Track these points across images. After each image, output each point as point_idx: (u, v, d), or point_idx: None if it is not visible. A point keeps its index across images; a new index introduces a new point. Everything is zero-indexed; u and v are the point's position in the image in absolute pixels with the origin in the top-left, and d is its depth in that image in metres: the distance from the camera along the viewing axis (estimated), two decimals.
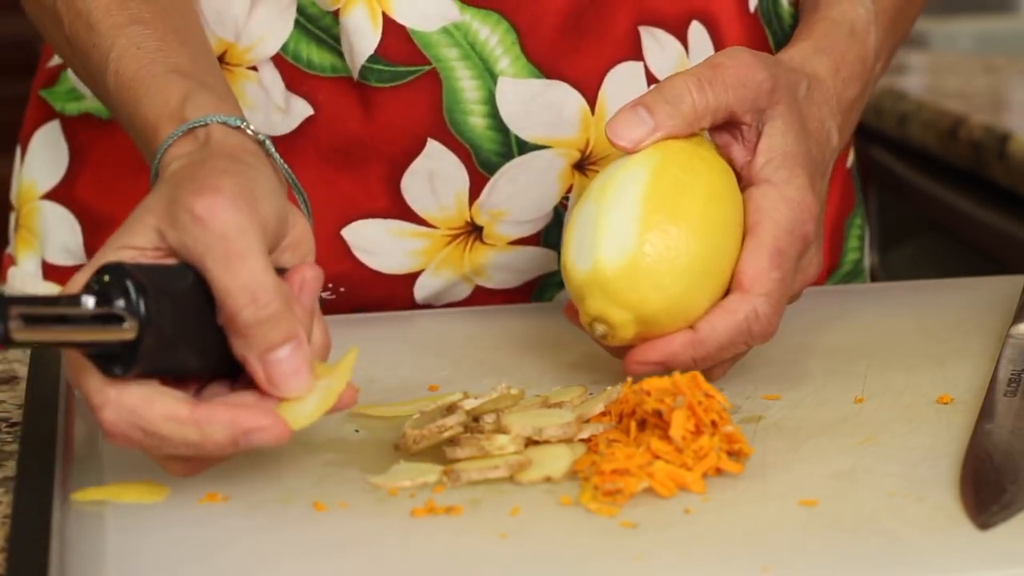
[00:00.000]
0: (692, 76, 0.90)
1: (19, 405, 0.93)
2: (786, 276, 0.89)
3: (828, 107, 0.96)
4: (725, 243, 0.88)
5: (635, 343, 0.88)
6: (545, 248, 1.08)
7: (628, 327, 0.87)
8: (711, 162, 0.90)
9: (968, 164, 1.93)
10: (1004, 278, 1.14)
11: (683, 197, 0.87)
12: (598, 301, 0.87)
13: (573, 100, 1.04)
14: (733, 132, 0.92)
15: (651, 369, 0.88)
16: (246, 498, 0.79)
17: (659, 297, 0.86)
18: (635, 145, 0.89)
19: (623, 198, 0.87)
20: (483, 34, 1.03)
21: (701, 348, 0.87)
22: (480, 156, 1.04)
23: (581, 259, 0.87)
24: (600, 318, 0.87)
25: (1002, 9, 2.96)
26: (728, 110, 0.90)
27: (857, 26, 1.00)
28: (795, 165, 0.90)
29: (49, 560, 0.71)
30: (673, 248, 0.86)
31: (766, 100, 0.91)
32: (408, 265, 1.07)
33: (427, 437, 0.83)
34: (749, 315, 0.88)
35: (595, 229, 0.87)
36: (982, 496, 0.77)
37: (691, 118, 0.89)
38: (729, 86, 0.90)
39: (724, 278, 0.88)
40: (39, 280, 1.13)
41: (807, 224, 0.90)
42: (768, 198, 0.89)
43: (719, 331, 0.87)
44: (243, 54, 1.04)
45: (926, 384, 0.93)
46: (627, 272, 0.86)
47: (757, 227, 0.89)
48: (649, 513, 0.77)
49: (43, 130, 1.14)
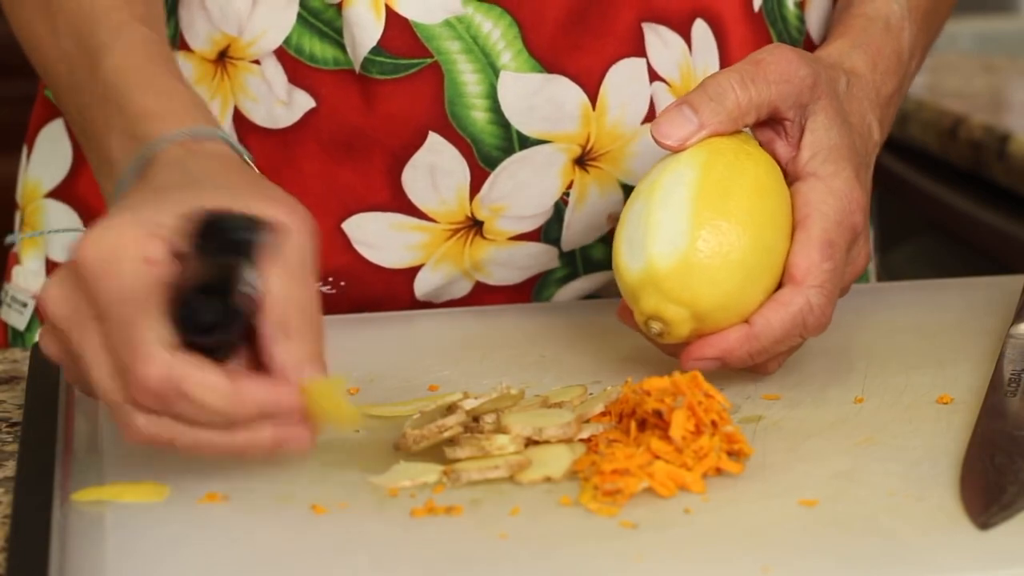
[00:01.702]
0: (735, 73, 0.91)
1: (19, 405, 0.93)
2: (838, 267, 0.89)
3: (868, 101, 0.97)
4: (775, 237, 0.89)
5: (690, 340, 0.89)
6: (545, 244, 1.08)
7: (683, 324, 0.88)
8: (757, 157, 0.91)
9: (968, 164, 1.93)
10: (1004, 278, 1.14)
11: (732, 193, 0.88)
12: (653, 299, 0.88)
13: (574, 95, 1.04)
14: (776, 128, 0.93)
15: (708, 365, 0.88)
16: (246, 498, 0.79)
17: (713, 293, 0.87)
18: (682, 144, 0.90)
19: (672, 196, 0.88)
20: (485, 28, 1.03)
21: (756, 342, 0.88)
22: (481, 150, 1.04)
23: (634, 259, 0.88)
24: (655, 316, 0.88)
25: (1002, 9, 2.96)
26: (771, 106, 0.91)
27: (892, 22, 1.02)
28: (840, 158, 0.91)
29: (49, 560, 0.71)
30: (725, 244, 0.87)
31: (808, 95, 0.92)
32: (408, 259, 1.07)
33: (427, 437, 0.83)
34: (803, 307, 0.88)
35: (646, 228, 0.88)
36: (982, 496, 0.77)
37: (735, 114, 0.90)
38: (771, 82, 0.91)
39: (775, 272, 0.89)
40: (42, 278, 1.13)
41: (855, 215, 0.91)
42: (816, 191, 0.90)
43: (774, 325, 0.88)
44: (246, 48, 1.05)
45: (926, 384, 0.93)
46: (681, 269, 0.87)
47: (806, 220, 0.89)
48: (649, 513, 0.77)
49: (47, 129, 1.15)
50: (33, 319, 1.14)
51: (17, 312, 1.15)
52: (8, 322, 1.16)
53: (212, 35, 1.05)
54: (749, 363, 0.89)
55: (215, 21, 1.05)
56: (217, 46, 1.05)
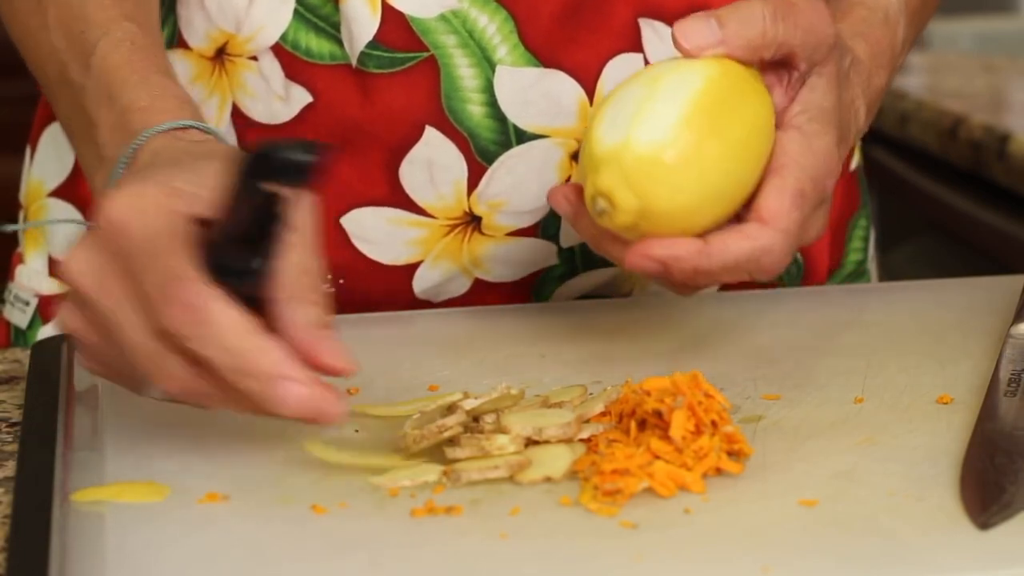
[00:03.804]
0: (769, 5, 0.90)
1: (19, 405, 0.93)
2: (803, 220, 0.89)
3: (860, 87, 0.97)
4: (748, 175, 0.88)
5: (626, 235, 0.88)
6: (544, 240, 1.08)
7: (628, 214, 0.86)
8: (762, 96, 0.90)
9: (968, 164, 1.93)
10: (1004, 278, 1.14)
11: (728, 116, 0.87)
12: (612, 177, 0.86)
13: (571, 89, 1.05)
14: (780, 75, 0.92)
15: (652, 267, 0.87)
16: (246, 498, 0.79)
17: (669, 196, 0.86)
18: (698, 51, 0.89)
19: (673, 94, 0.87)
20: (481, 22, 1.03)
21: (706, 260, 0.87)
22: (478, 145, 1.05)
23: (611, 132, 0.87)
24: (606, 194, 0.86)
25: (1002, 9, 2.96)
26: (790, 49, 0.91)
27: (890, 14, 1.02)
28: (827, 122, 0.91)
29: (49, 560, 0.71)
30: (703, 157, 0.86)
31: (823, 54, 0.91)
32: (407, 256, 1.07)
33: (427, 437, 0.83)
34: (764, 246, 0.87)
35: (636, 110, 0.86)
36: (982, 496, 0.77)
37: (757, 43, 0.90)
38: (800, 26, 0.90)
39: (734, 207, 0.88)
40: (45, 276, 1.14)
41: (828, 179, 0.91)
42: (797, 143, 0.90)
43: (731, 250, 0.87)
44: (244, 44, 1.05)
45: (926, 384, 0.93)
46: (650, 159, 0.85)
47: (783, 169, 0.89)
48: (649, 513, 0.77)
49: (50, 128, 1.15)
50: (35, 318, 1.14)
51: (20, 311, 1.15)
52: (11, 320, 1.16)
53: (210, 32, 1.06)
54: (690, 279, 0.88)
55: (213, 18, 1.05)
56: (215, 43, 1.06)
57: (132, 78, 0.91)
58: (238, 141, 1.06)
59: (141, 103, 0.89)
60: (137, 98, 0.90)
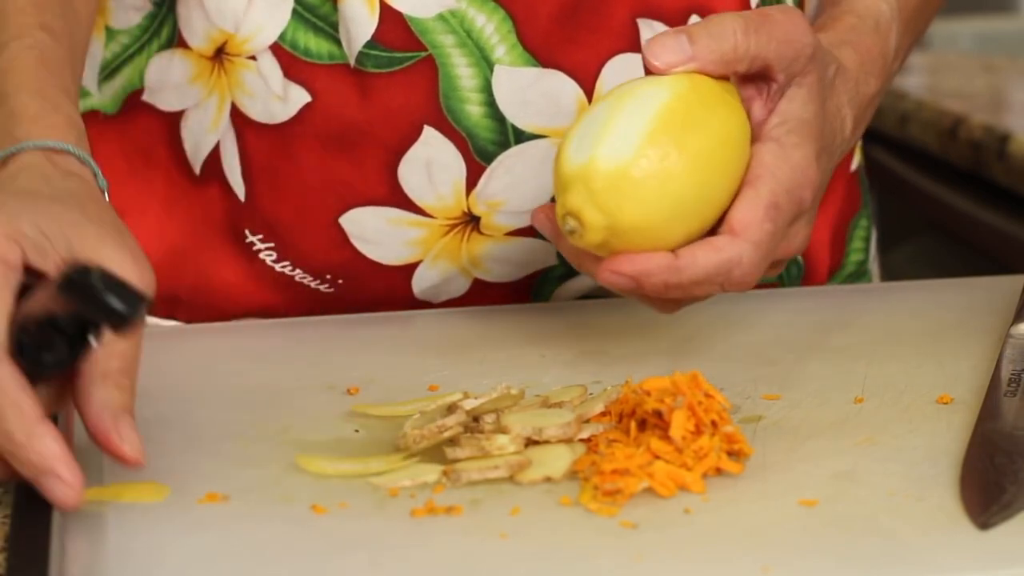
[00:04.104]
0: (740, 18, 0.90)
1: None
2: (777, 232, 0.88)
3: (848, 97, 0.96)
4: (719, 188, 0.88)
5: (599, 253, 0.87)
6: (543, 240, 1.08)
7: (597, 232, 0.86)
8: (733, 108, 0.90)
9: (968, 164, 1.93)
10: (1004, 278, 1.14)
11: (695, 129, 0.87)
12: (579, 196, 0.86)
13: (570, 89, 1.05)
14: (759, 87, 0.92)
15: (623, 282, 0.87)
16: (246, 498, 0.79)
17: (636, 212, 0.85)
18: (667, 68, 0.89)
19: (637, 109, 0.87)
20: (479, 21, 1.03)
21: (676, 275, 0.87)
22: (477, 144, 1.05)
23: (578, 152, 0.87)
24: (574, 213, 0.86)
25: (1002, 9, 2.96)
26: (765, 62, 0.90)
27: (881, 22, 1.01)
28: (807, 134, 0.90)
29: (49, 560, 0.71)
30: (668, 172, 0.86)
31: (802, 66, 0.91)
32: (406, 255, 1.07)
33: (427, 437, 0.83)
34: (734, 258, 0.87)
35: (600, 129, 0.86)
36: (982, 496, 0.77)
37: (729, 58, 0.89)
38: (774, 38, 0.90)
39: (706, 222, 0.88)
40: None
41: (805, 190, 0.90)
42: (772, 155, 0.89)
43: (700, 264, 0.87)
44: (242, 44, 1.05)
45: (926, 384, 0.93)
46: (615, 177, 0.85)
47: (757, 180, 0.88)
48: (649, 513, 0.77)
49: None
50: None
51: None
52: None
53: (209, 32, 1.06)
54: (661, 294, 0.88)
55: (212, 18, 1.05)
56: (214, 43, 1.06)
57: (30, 86, 0.91)
58: (238, 140, 1.06)
59: (31, 111, 0.89)
60: (28, 106, 0.90)
